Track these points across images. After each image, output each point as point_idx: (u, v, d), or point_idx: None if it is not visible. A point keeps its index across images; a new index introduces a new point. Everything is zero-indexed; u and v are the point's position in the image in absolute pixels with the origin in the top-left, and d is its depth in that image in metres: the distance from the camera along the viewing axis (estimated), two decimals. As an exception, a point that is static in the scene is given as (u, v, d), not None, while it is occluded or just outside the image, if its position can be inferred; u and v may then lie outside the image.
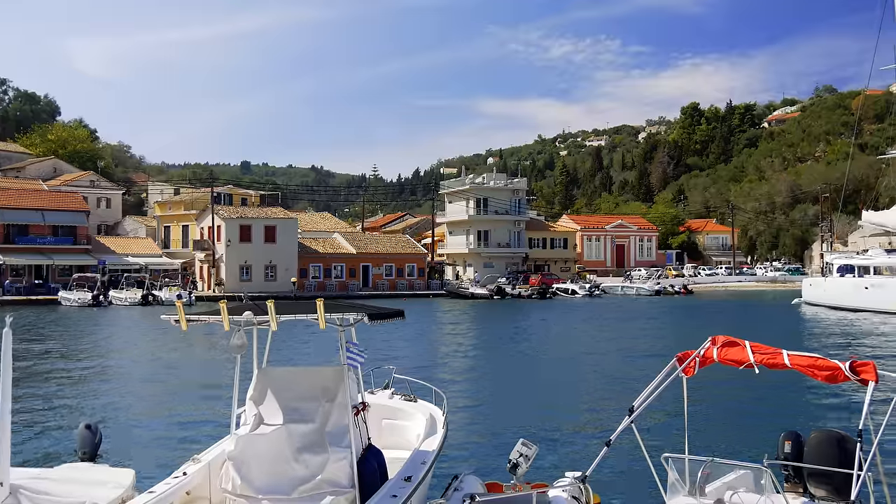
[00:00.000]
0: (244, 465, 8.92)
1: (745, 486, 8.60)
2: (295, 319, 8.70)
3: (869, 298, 58.84)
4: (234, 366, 9.91)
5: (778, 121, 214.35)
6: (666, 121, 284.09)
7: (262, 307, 8.56)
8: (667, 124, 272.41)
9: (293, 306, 9.12)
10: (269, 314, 8.38)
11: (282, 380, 9.71)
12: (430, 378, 14.50)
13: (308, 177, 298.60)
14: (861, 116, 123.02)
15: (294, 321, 8.74)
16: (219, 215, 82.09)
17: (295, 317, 8.66)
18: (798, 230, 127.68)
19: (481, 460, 14.65)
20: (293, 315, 8.68)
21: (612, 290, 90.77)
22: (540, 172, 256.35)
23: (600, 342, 39.10)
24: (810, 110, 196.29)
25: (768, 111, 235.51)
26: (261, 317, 8.66)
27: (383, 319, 9.36)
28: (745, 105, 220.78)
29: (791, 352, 8.23)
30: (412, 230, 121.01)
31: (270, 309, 8.38)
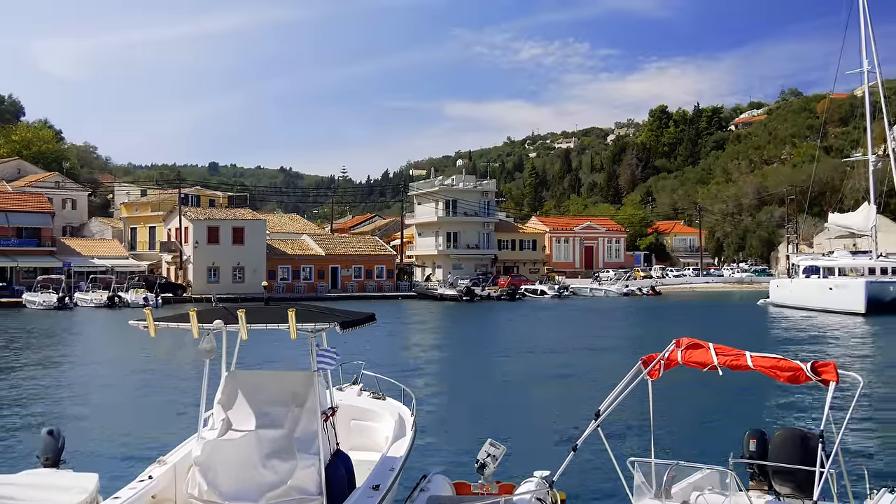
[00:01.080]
0: (211, 470, 8.81)
1: (711, 487, 8.68)
2: (266, 329, 8.67)
3: (833, 299, 59.60)
4: (201, 368, 9.82)
5: (744, 123, 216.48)
6: (634, 123, 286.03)
7: (234, 315, 8.52)
8: (635, 127, 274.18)
9: (264, 314, 9.05)
10: (239, 323, 8.35)
11: (250, 384, 9.60)
12: (397, 377, 14.46)
13: (277, 178, 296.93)
14: (826, 120, 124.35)
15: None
16: (186, 217, 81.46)
17: (266, 326, 8.63)
18: (764, 232, 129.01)
19: (449, 460, 14.65)
20: (264, 324, 8.64)
21: (581, 291, 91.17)
22: (509, 174, 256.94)
23: (568, 344, 39.25)
24: (776, 113, 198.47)
25: (735, 114, 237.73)
26: (231, 325, 8.62)
27: (355, 326, 9.33)
28: (712, 108, 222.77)
29: (754, 353, 8.32)
30: (381, 232, 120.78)
31: (241, 318, 8.34)
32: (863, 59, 65.08)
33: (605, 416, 8.70)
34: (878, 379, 25.96)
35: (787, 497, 8.30)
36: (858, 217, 68.80)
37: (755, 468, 8.59)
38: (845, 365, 26.94)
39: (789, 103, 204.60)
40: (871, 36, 64.47)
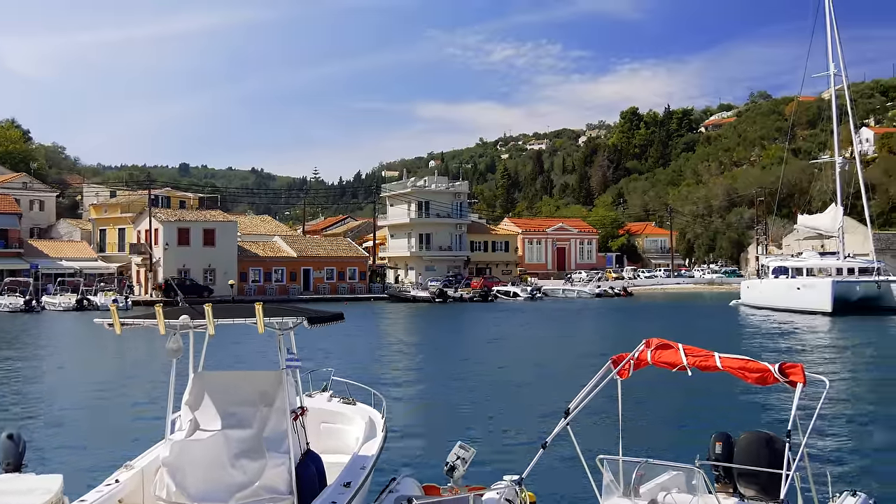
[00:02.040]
0: (179, 471, 8.71)
1: (678, 487, 8.73)
2: (233, 323, 8.61)
3: (800, 299, 60.24)
4: (169, 370, 9.74)
5: (714, 126, 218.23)
6: (606, 125, 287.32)
7: (200, 311, 8.46)
8: (606, 128, 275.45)
9: (231, 310, 9.02)
10: (206, 318, 8.29)
11: (218, 384, 9.49)
12: (369, 381, 14.44)
13: (248, 179, 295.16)
14: (794, 122, 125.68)
15: (232, 325, 8.66)
16: (156, 218, 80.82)
17: (233, 321, 8.60)
18: (734, 233, 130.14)
19: (419, 462, 14.64)
20: (231, 319, 8.61)
21: (553, 292, 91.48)
22: (481, 176, 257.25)
23: (539, 344, 39.40)
24: (745, 116, 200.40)
25: (705, 116, 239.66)
26: (198, 321, 8.54)
27: (323, 323, 9.33)
28: (682, 110, 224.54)
29: (723, 354, 8.37)
30: (354, 233, 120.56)
31: (208, 313, 8.28)
32: (829, 63, 65.88)
33: (574, 414, 8.74)
34: (843, 380, 26.23)
35: (751, 499, 8.35)
36: (826, 218, 69.56)
37: (720, 470, 8.65)
38: (812, 366, 27.30)
39: (758, 106, 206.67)
40: (838, 40, 65.31)
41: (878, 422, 19.38)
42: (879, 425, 18.96)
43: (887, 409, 21.08)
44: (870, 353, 35.15)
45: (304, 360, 10.43)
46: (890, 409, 20.95)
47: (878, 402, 22.12)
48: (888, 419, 19.72)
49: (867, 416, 20.11)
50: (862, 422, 19.33)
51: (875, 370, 29.42)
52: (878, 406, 21.46)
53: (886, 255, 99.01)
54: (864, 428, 18.59)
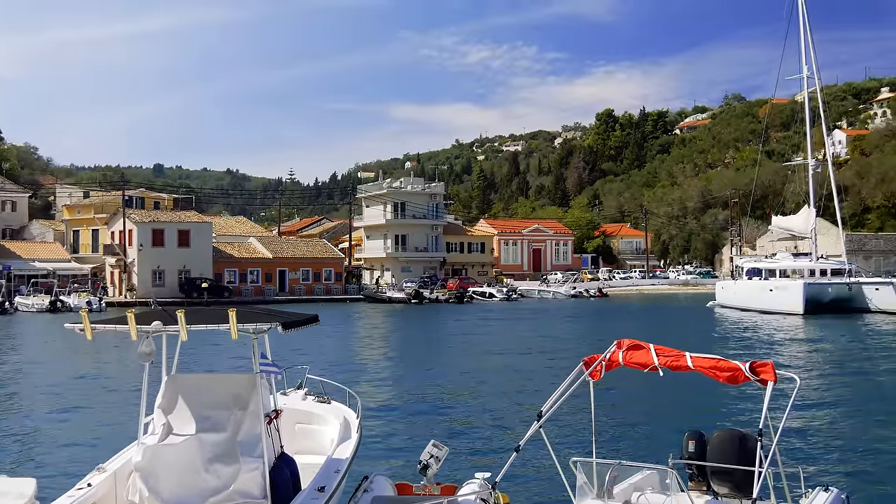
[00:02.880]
0: (152, 476, 8.63)
1: (651, 487, 8.79)
2: (206, 329, 8.58)
3: (773, 300, 60.77)
4: (141, 373, 9.66)
5: (689, 128, 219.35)
6: (581, 127, 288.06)
7: (173, 316, 8.41)
8: (582, 130, 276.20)
9: (204, 315, 8.96)
10: (179, 324, 8.25)
11: (192, 387, 9.41)
12: (344, 380, 14.42)
13: (223, 180, 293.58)
14: (768, 124, 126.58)
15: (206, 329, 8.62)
16: (130, 219, 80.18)
17: (206, 326, 8.53)
18: (709, 234, 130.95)
19: (392, 461, 14.65)
20: (205, 325, 8.54)
21: (529, 293, 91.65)
22: (457, 177, 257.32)
23: (514, 345, 39.43)
24: (720, 118, 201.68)
25: (680, 118, 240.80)
26: (170, 326, 8.48)
27: (297, 327, 9.28)
28: (657, 112, 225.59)
29: (694, 354, 8.42)
30: (329, 234, 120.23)
31: (181, 319, 8.23)
32: (802, 66, 66.53)
33: (547, 417, 8.77)
34: (813, 378, 26.50)
35: (725, 497, 8.43)
36: (799, 220, 70.16)
37: (694, 469, 8.71)
38: (782, 364, 27.55)
39: (732, 108, 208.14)
40: (811, 43, 65.90)
41: (848, 418, 19.62)
42: (849, 422, 19.20)
43: (856, 405, 21.34)
44: (839, 352, 35.51)
45: (278, 359, 10.41)
46: (859, 406, 21.19)
47: (847, 399, 22.39)
48: (857, 416, 19.97)
49: (837, 412, 20.35)
50: (832, 418, 19.57)
51: (844, 369, 29.72)
52: (847, 403, 21.73)
53: (859, 256, 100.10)
54: (834, 424, 18.82)
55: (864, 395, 23.10)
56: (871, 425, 18.82)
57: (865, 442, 16.92)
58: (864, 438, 17.27)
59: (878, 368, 29.78)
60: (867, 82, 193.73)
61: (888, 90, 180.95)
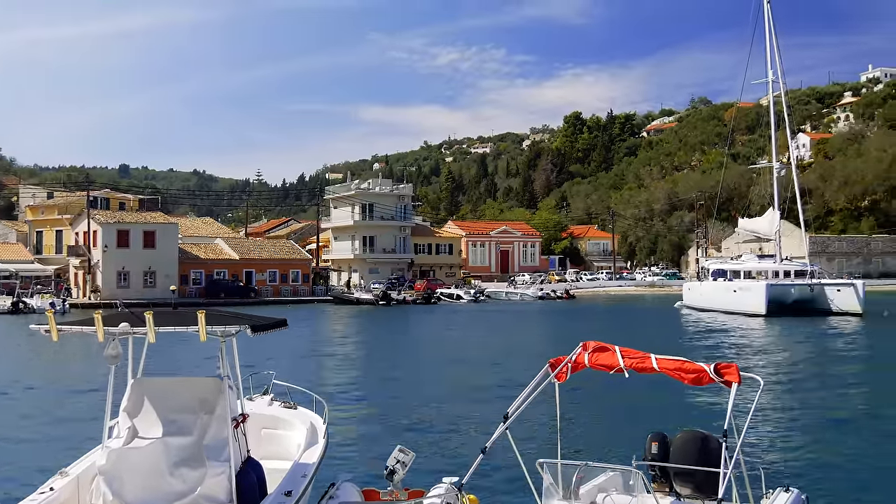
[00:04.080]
0: (116, 479, 8.52)
1: (616, 488, 8.85)
2: (174, 332, 8.50)
3: (737, 301, 61.35)
4: (107, 376, 9.54)
5: (656, 130, 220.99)
6: (549, 129, 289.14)
7: (141, 318, 8.33)
8: (550, 132, 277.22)
9: (172, 317, 8.89)
10: (147, 326, 8.17)
11: (158, 391, 9.30)
12: (311, 385, 14.36)
13: (190, 181, 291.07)
14: (734, 127, 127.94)
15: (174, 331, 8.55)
16: (95, 220, 79.31)
17: (174, 329, 8.47)
18: (675, 236, 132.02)
19: (359, 467, 14.62)
20: (173, 327, 8.48)
21: (497, 295, 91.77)
22: (426, 178, 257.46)
23: (481, 347, 39.50)
24: (686, 121, 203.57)
25: (647, 121, 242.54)
26: (138, 328, 8.41)
27: (266, 330, 9.24)
28: (624, 115, 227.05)
29: (659, 356, 8.48)
30: (297, 236, 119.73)
31: (149, 321, 8.16)
32: (768, 70, 67.22)
33: (513, 419, 8.80)
34: (775, 380, 26.79)
35: (687, 498, 8.50)
36: (764, 222, 70.90)
37: (657, 470, 8.77)
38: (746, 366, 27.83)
39: (699, 111, 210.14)
40: (776, 47, 66.60)
41: (807, 419, 19.87)
42: (808, 423, 19.44)
43: (815, 407, 21.61)
44: (800, 353, 35.94)
45: (245, 363, 10.36)
46: (818, 408, 21.47)
47: (807, 400, 22.66)
48: (816, 417, 20.24)
49: (796, 414, 20.60)
50: (792, 419, 19.80)
51: (804, 370, 30.08)
52: (806, 404, 21.99)
53: (822, 258, 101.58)
54: (795, 425, 19.03)
55: (824, 397, 23.39)
56: (830, 426, 19.08)
57: (825, 443, 17.15)
58: (824, 439, 17.51)
59: (837, 370, 30.17)
60: (831, 87, 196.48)
61: (851, 95, 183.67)
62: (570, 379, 8.87)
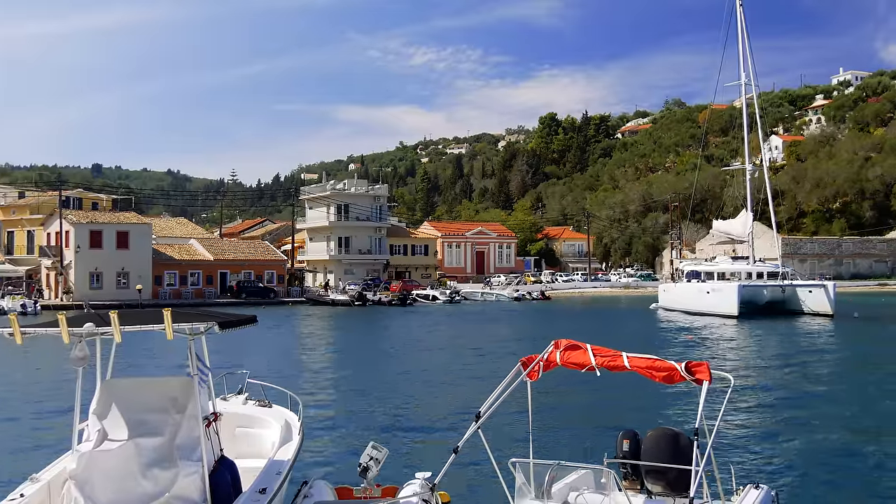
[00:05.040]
0: (88, 483, 8.41)
1: (588, 486, 8.90)
2: (141, 330, 8.42)
3: (710, 302, 61.75)
4: (75, 379, 9.43)
5: (631, 132, 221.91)
6: (525, 130, 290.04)
7: (106, 318, 8.26)
8: (525, 133, 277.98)
9: (139, 316, 8.80)
10: (112, 325, 8.10)
11: (127, 392, 9.21)
12: (285, 383, 14.31)
13: (164, 181, 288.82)
14: (707, 129, 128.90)
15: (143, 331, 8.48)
16: (67, 220, 78.61)
17: (140, 328, 8.36)
18: (650, 237, 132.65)
19: (332, 464, 14.60)
20: (139, 326, 8.37)
21: (473, 296, 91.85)
22: (401, 179, 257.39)
23: (456, 347, 39.55)
24: (661, 123, 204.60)
25: (622, 122, 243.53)
26: (104, 328, 8.31)
27: (235, 327, 9.18)
28: (599, 116, 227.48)
29: (630, 354, 8.53)
30: (272, 236, 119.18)
31: (114, 320, 8.08)
32: (740, 73, 67.77)
33: (485, 418, 8.81)
34: (745, 378, 27.01)
35: (659, 496, 8.56)
36: (737, 224, 71.47)
37: (628, 468, 8.83)
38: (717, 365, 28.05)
39: (673, 113, 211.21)
40: (749, 50, 67.21)
41: (777, 417, 20.09)
42: (778, 420, 19.66)
43: (785, 405, 21.87)
44: (770, 353, 36.25)
45: (219, 363, 10.32)
46: (787, 406, 21.72)
47: (776, 399, 22.92)
48: (786, 415, 20.46)
49: (766, 412, 20.82)
50: (762, 417, 20.01)
51: (774, 369, 30.35)
52: (776, 403, 22.25)
53: (794, 260, 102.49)
54: (764, 423, 19.24)
55: (793, 396, 23.65)
56: (799, 424, 19.28)
57: (794, 440, 17.34)
58: (793, 437, 17.69)
59: (807, 369, 30.44)
60: (802, 90, 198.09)
61: (822, 97, 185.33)
62: (542, 378, 8.91)
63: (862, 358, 35.25)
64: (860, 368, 31.48)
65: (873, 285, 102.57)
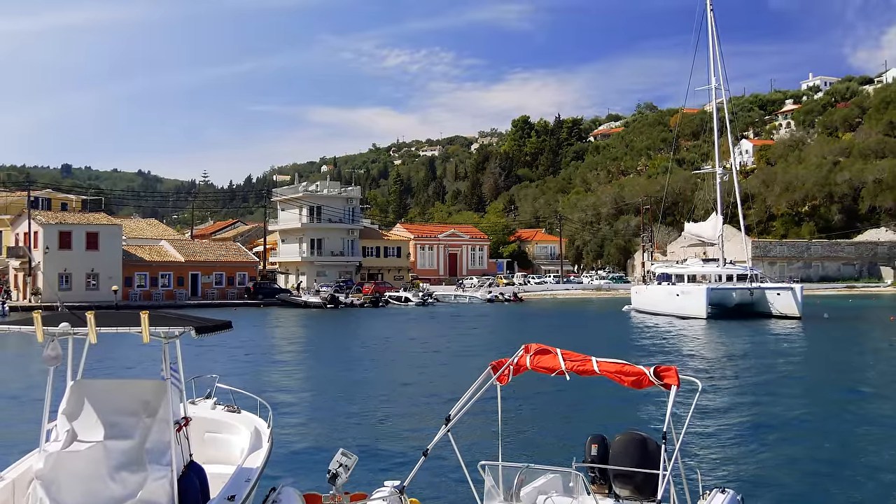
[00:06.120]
0: (54, 483, 8.32)
1: (556, 490, 8.95)
2: (117, 332, 8.37)
3: (680, 304, 62.24)
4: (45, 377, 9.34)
5: (603, 135, 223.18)
6: (497, 133, 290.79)
7: (82, 318, 8.21)
8: (498, 136, 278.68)
9: (115, 318, 8.74)
10: (88, 326, 8.05)
11: (98, 393, 9.10)
12: (255, 388, 14.25)
13: (134, 182, 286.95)
14: (679, 133, 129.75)
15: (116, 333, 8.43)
16: (36, 221, 77.73)
17: (117, 329, 8.31)
18: (621, 240, 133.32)
19: (302, 470, 14.56)
20: (115, 328, 8.33)
21: (445, 298, 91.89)
22: (374, 181, 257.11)
23: (427, 350, 39.54)
24: (632, 126, 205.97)
25: (594, 126, 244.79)
26: (79, 328, 8.27)
27: (210, 332, 9.14)
28: (572, 119, 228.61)
29: (600, 359, 8.57)
30: (244, 238, 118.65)
31: (90, 321, 8.04)
32: (711, 77, 68.31)
33: (455, 421, 8.84)
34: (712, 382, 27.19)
35: (626, 499, 8.63)
36: (708, 227, 72.12)
37: (596, 471, 8.88)
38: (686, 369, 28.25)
39: (645, 117, 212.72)
40: (719, 55, 67.80)
41: (743, 421, 20.27)
42: (744, 424, 19.84)
43: (750, 408, 22.08)
44: (737, 355, 36.53)
45: (187, 366, 10.26)
46: (753, 409, 21.94)
47: (742, 402, 23.11)
48: (752, 418, 20.67)
49: (733, 415, 21.00)
50: (728, 421, 20.17)
51: (741, 372, 30.55)
52: (741, 406, 22.44)
53: (764, 262, 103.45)
54: (731, 427, 19.39)
55: (758, 399, 23.83)
56: (765, 428, 19.47)
57: (760, 444, 17.51)
58: (759, 440, 17.87)
59: (773, 371, 30.72)
60: (772, 94, 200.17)
61: (792, 102, 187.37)
62: (512, 381, 8.95)
63: (826, 360, 35.68)
64: (826, 371, 31.84)
65: (841, 288, 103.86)
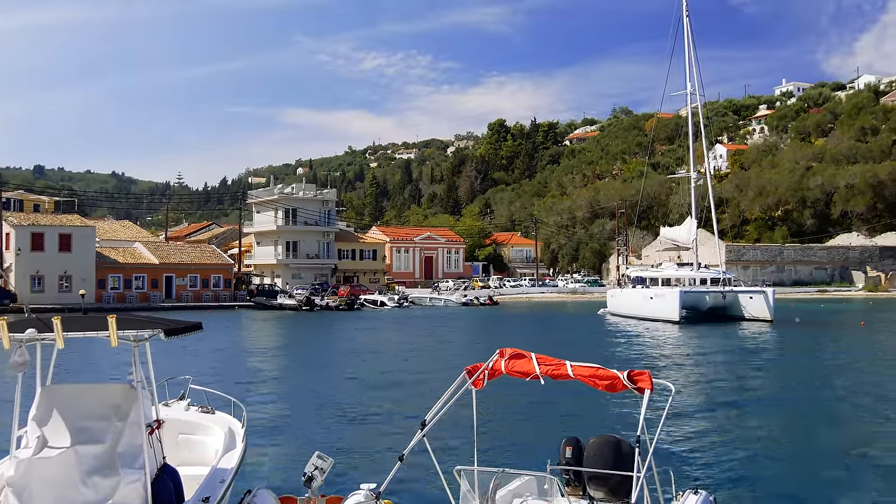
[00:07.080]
0: (26, 490, 8.27)
1: (531, 493, 8.98)
2: (84, 337, 8.32)
3: (654, 308, 62.57)
4: (13, 384, 9.24)
5: (578, 139, 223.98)
6: (474, 136, 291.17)
7: (48, 323, 8.14)
8: (474, 139, 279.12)
9: (82, 322, 8.68)
10: (55, 331, 7.99)
11: (68, 398, 8.99)
12: (229, 391, 14.18)
13: (108, 183, 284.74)
14: (654, 138, 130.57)
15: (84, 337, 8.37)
16: (8, 222, 77.03)
17: (84, 334, 8.27)
18: (596, 244, 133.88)
19: (277, 473, 14.52)
20: (82, 332, 8.28)
21: (421, 301, 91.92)
22: (350, 184, 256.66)
23: (402, 354, 39.52)
24: (608, 130, 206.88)
25: (570, 129, 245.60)
26: (46, 334, 8.19)
27: (180, 334, 9.11)
28: (548, 123, 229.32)
29: (574, 363, 8.61)
30: (219, 240, 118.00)
31: (56, 326, 7.97)
32: (686, 82, 68.79)
33: (430, 426, 8.85)
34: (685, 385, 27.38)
35: (600, 501, 8.67)
36: (682, 231, 72.63)
37: (571, 474, 8.92)
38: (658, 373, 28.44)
39: (620, 121, 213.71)
40: (695, 60, 68.28)
41: (714, 422, 20.45)
42: (716, 426, 20.02)
43: (722, 410, 22.27)
44: (708, 358, 36.79)
45: (160, 368, 10.21)
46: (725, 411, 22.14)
47: (714, 404, 23.29)
48: (723, 420, 20.87)
49: (705, 417, 21.17)
50: (700, 423, 20.33)
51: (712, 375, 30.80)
52: (713, 408, 22.62)
53: (737, 266, 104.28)
54: (703, 429, 19.55)
55: (730, 401, 24.03)
56: (736, 429, 19.66)
57: (732, 445, 17.66)
58: (731, 442, 18.03)
59: (744, 374, 30.98)
60: (746, 100, 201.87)
61: (766, 107, 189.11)
62: (487, 386, 8.98)
63: (796, 362, 36.02)
64: (796, 373, 32.13)
65: (813, 292, 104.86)
